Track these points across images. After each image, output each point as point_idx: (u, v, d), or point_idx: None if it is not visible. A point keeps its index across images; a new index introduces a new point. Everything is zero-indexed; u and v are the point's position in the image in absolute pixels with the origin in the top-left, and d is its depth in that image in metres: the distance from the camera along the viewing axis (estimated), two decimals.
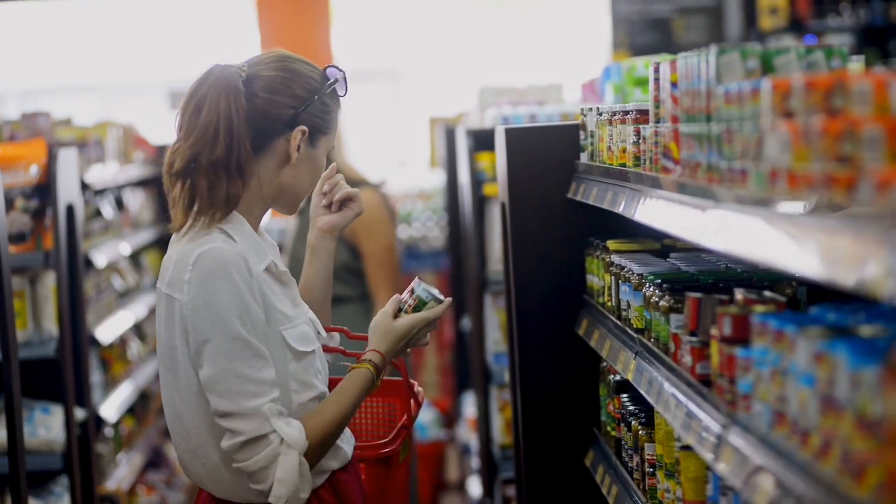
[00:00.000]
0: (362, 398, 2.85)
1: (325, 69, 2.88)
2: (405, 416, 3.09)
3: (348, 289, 5.18)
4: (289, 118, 2.79)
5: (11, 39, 14.18)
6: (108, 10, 13.87)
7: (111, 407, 5.79)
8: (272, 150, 2.80)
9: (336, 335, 3.13)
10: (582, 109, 3.58)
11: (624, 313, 3.16)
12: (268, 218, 2.88)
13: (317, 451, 2.73)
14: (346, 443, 2.92)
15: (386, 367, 2.91)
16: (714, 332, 2.31)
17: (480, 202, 5.30)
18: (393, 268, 5.20)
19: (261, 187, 2.81)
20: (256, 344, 2.66)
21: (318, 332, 2.93)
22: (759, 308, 2.23)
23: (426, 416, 7.69)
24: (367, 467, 3.02)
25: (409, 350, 2.99)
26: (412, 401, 3.10)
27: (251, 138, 2.76)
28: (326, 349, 3.02)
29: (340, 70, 2.88)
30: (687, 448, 2.65)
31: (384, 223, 5.26)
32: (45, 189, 4.74)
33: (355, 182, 5.10)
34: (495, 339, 5.33)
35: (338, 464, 2.87)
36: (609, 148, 3.20)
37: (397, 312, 2.96)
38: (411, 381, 3.10)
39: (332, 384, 2.94)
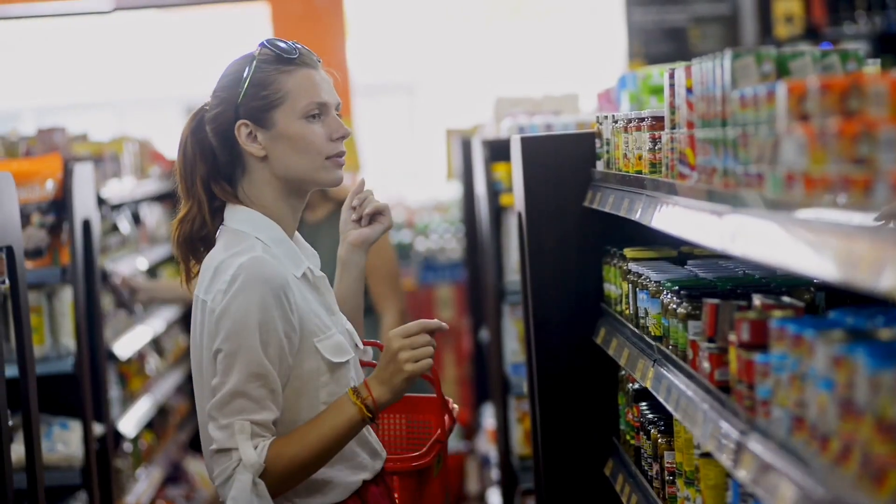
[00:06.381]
0: (348, 433, 2.72)
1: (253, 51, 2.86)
2: (439, 431, 3.07)
3: None
4: (231, 121, 2.80)
5: (27, 57, 14.23)
6: (122, 27, 13.91)
7: (130, 422, 5.79)
8: (244, 155, 2.82)
9: (370, 349, 3.10)
10: (598, 118, 3.58)
11: (642, 321, 3.15)
12: None
13: (282, 476, 2.66)
14: (377, 456, 2.91)
15: (377, 405, 2.74)
16: (732, 338, 2.30)
17: (497, 213, 5.29)
18: (396, 282, 5.16)
19: (266, 187, 2.82)
20: (267, 365, 2.64)
21: (356, 345, 2.91)
22: (778, 313, 2.22)
23: None
24: (401, 480, 3.01)
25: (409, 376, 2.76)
26: (446, 416, 3.08)
27: (226, 158, 2.83)
28: (361, 363, 2.96)
29: (264, 42, 2.87)
30: (706, 455, 2.63)
31: (385, 239, 5.22)
32: (61, 204, 4.75)
33: None
34: (513, 349, 5.31)
35: (369, 475, 2.86)
36: (625, 155, 3.19)
37: None
38: (446, 397, 3.07)
39: None
